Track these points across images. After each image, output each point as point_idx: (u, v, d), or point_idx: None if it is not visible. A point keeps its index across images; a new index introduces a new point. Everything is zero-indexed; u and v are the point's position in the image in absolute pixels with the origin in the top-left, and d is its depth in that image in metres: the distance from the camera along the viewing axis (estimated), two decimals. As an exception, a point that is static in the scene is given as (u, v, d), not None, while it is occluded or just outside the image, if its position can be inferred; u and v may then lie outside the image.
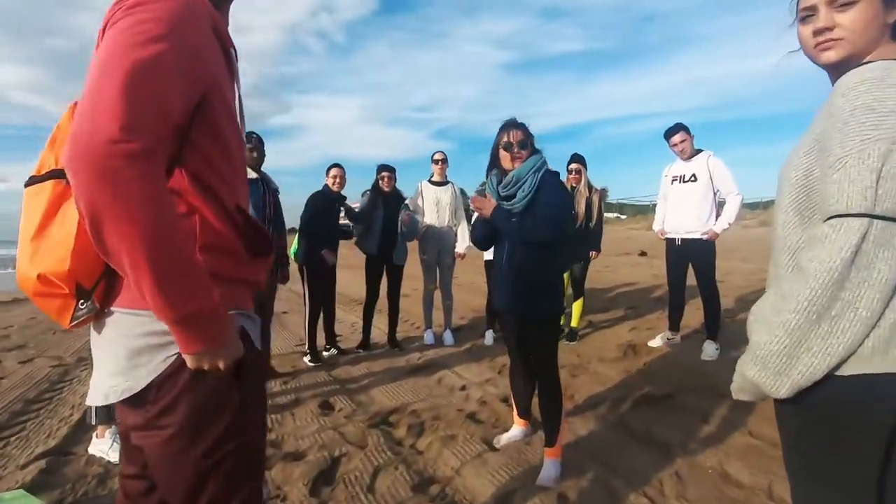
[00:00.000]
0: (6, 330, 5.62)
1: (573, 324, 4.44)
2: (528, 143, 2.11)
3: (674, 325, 4.09)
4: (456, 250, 4.51)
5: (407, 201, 4.40)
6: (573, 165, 4.23)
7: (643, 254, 10.89)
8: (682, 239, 3.84)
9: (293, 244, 4.01)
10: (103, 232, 0.72)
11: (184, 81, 0.81)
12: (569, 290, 4.44)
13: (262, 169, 3.40)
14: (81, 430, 2.67)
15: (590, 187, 4.28)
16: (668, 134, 3.80)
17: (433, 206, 4.46)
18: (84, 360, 4.13)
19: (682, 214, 3.82)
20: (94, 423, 2.44)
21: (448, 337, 4.55)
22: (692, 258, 3.84)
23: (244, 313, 0.98)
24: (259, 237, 0.98)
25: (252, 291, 1.02)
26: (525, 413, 2.51)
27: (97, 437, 2.48)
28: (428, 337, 4.56)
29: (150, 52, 0.76)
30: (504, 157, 2.14)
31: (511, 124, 2.14)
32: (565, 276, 4.36)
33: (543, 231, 2.03)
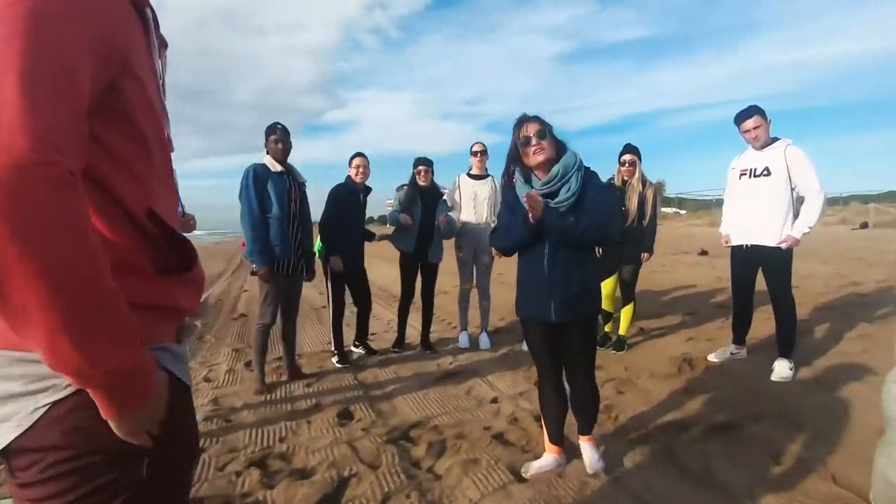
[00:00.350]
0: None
1: (621, 332, 4.04)
2: (546, 133, 1.96)
3: (739, 338, 3.60)
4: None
5: (444, 196, 4.16)
6: (626, 157, 3.81)
7: (704, 252, 10.06)
8: (751, 245, 3.35)
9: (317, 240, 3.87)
10: (9, 287, 0.52)
11: (91, 60, 0.60)
12: (617, 294, 4.05)
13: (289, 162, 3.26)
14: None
15: (644, 181, 3.84)
16: (740, 118, 3.30)
17: (470, 200, 4.18)
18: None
19: (752, 214, 3.31)
20: None
21: (484, 340, 4.28)
22: (763, 264, 3.34)
23: (163, 347, 0.77)
24: (172, 250, 0.75)
25: (173, 320, 0.80)
26: (558, 439, 2.21)
27: None
28: (462, 340, 4.31)
29: (49, 26, 0.55)
30: (525, 153, 1.99)
31: (523, 119, 1.99)
32: (613, 278, 3.98)
33: (597, 232, 1.93)
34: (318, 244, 3.83)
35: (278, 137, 3.15)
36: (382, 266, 8.63)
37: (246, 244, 3.07)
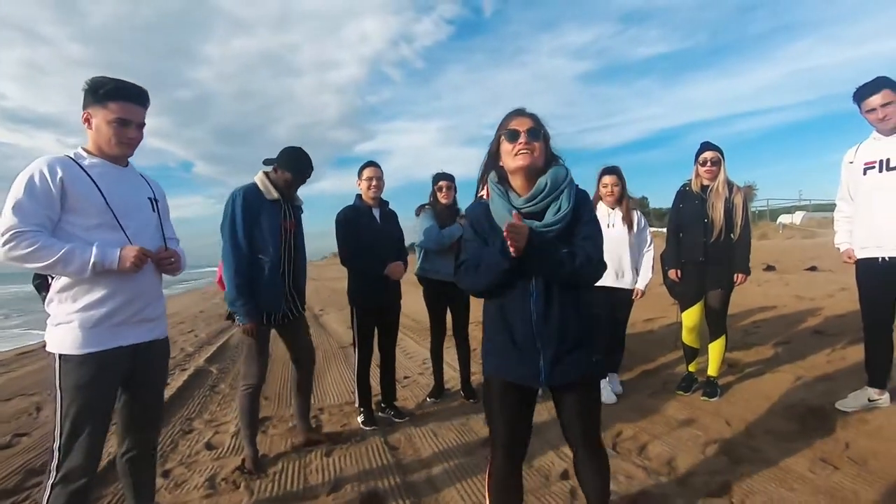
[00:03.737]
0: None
1: (711, 372, 3.25)
2: (540, 134, 1.52)
3: (877, 380, 2.75)
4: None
5: (462, 220, 3.54)
6: (708, 154, 3.10)
7: (770, 268, 9.02)
8: (891, 258, 2.57)
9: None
10: None
11: None
12: (681, 325, 3.28)
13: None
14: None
15: (730, 185, 3.12)
16: (864, 94, 2.57)
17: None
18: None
19: (890, 217, 2.55)
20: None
21: (538, 385, 3.55)
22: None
23: None
24: None
25: None
26: None
27: None
28: (511, 385, 3.59)
29: None
30: (506, 151, 1.52)
31: (517, 112, 1.55)
32: (697, 307, 3.23)
33: (595, 269, 1.49)
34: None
35: (299, 182, 2.59)
36: (413, 293, 8.04)
37: (227, 288, 2.41)
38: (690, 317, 3.26)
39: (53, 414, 1.59)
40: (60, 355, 1.58)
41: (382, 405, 3.29)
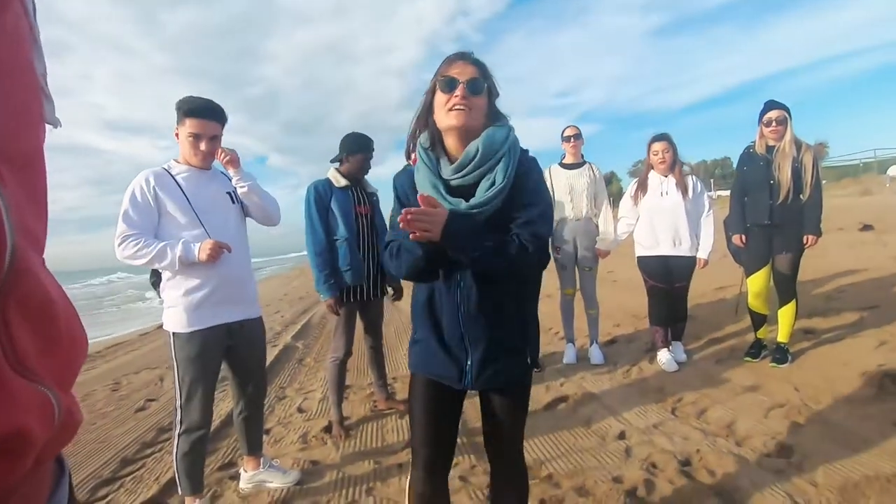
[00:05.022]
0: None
1: (781, 338, 3.17)
2: (483, 87, 1.20)
3: (969, 343, 2.59)
4: (597, 246, 3.59)
5: None
6: (773, 113, 2.97)
7: (867, 227, 8.20)
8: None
9: None
10: None
11: None
12: (744, 290, 3.19)
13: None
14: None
15: (797, 144, 2.98)
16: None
17: (566, 194, 3.60)
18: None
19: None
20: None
21: (595, 354, 3.65)
22: None
23: None
24: None
25: None
26: None
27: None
28: (569, 354, 3.72)
29: None
30: (440, 103, 1.21)
31: (460, 56, 1.22)
32: (764, 271, 3.15)
33: (530, 258, 1.17)
34: None
35: (370, 157, 2.83)
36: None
37: (312, 273, 2.75)
38: (756, 282, 3.18)
39: (173, 381, 1.98)
40: (173, 333, 1.94)
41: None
